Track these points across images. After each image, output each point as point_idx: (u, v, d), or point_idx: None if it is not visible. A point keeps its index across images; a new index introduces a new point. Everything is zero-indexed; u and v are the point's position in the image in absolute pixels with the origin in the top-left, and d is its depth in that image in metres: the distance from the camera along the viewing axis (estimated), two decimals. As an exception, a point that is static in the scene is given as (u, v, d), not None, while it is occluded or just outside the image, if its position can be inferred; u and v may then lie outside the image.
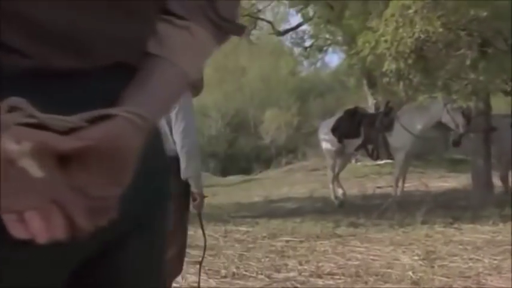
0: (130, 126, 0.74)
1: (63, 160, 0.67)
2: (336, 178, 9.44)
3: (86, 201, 0.69)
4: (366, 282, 4.45)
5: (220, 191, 13.77)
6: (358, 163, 16.34)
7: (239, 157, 26.58)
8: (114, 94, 0.79)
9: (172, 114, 3.15)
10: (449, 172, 14.03)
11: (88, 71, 0.78)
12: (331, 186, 9.39)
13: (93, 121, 0.71)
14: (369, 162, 13.17)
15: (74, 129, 0.69)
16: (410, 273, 4.63)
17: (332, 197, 9.32)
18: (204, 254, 3.68)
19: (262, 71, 31.45)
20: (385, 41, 7.28)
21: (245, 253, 5.55)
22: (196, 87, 3.55)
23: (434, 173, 14.02)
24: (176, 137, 3.12)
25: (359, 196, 9.87)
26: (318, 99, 29.58)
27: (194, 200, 3.21)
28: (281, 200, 10.59)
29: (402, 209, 8.01)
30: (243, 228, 7.09)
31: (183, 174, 3.09)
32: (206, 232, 6.42)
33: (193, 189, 3.16)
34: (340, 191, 9.28)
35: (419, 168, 14.82)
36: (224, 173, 23.74)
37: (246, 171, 23.42)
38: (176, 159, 3.10)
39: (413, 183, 11.45)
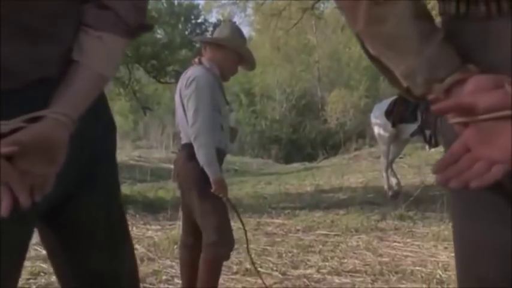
0: (56, 123, 1.13)
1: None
2: (389, 166, 9.30)
3: (30, 180, 1.11)
4: (387, 281, 4.43)
5: (275, 180, 13.90)
6: (432, 149, 15.95)
7: (304, 143, 26.51)
8: (40, 102, 1.15)
9: (185, 101, 3.38)
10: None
11: (17, 89, 1.14)
12: (384, 175, 9.26)
13: (32, 121, 1.10)
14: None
15: (15, 129, 1.08)
16: (439, 271, 4.57)
17: (385, 187, 9.21)
18: (247, 240, 3.93)
19: (332, 48, 31.09)
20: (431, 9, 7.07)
21: (268, 248, 5.63)
22: (247, 62, 3.73)
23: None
24: (188, 123, 3.35)
25: (419, 186, 9.68)
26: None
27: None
28: (332, 189, 10.56)
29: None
30: (278, 221, 7.16)
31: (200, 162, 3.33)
32: (237, 224, 6.59)
33: (209, 177, 3.33)
34: (394, 181, 9.14)
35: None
36: (287, 159, 23.83)
37: (312, 158, 23.40)
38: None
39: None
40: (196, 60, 3.57)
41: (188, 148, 3.39)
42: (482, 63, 1.03)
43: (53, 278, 4.35)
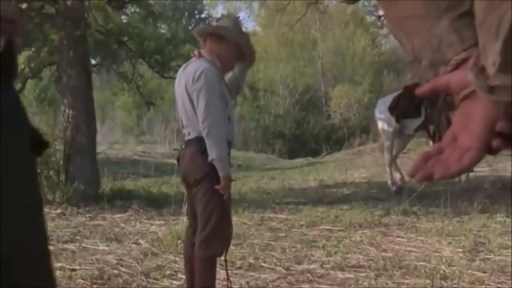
0: None
1: None
2: (393, 161, 9.31)
3: None
4: (391, 277, 4.43)
5: (278, 175, 13.89)
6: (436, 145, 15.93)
7: (308, 138, 26.47)
8: None
9: (194, 95, 3.31)
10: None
11: None
12: (388, 170, 9.27)
13: None
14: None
15: None
16: (443, 267, 4.58)
17: (389, 182, 9.21)
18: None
19: (336, 43, 31.02)
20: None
21: (272, 243, 5.64)
22: (247, 57, 3.68)
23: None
24: (199, 118, 3.29)
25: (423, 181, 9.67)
26: (393, 75, 28.85)
27: (219, 183, 3.33)
28: (336, 185, 10.56)
29: (464, 196, 7.85)
30: (282, 216, 7.17)
31: (209, 157, 3.28)
32: (241, 219, 6.62)
33: (219, 172, 3.31)
34: (398, 176, 9.15)
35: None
36: (291, 155, 23.80)
37: (315, 153, 23.37)
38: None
39: (491, 168, 11.11)
40: (196, 53, 3.51)
41: (197, 142, 3.33)
42: None
43: (57, 273, 4.37)
